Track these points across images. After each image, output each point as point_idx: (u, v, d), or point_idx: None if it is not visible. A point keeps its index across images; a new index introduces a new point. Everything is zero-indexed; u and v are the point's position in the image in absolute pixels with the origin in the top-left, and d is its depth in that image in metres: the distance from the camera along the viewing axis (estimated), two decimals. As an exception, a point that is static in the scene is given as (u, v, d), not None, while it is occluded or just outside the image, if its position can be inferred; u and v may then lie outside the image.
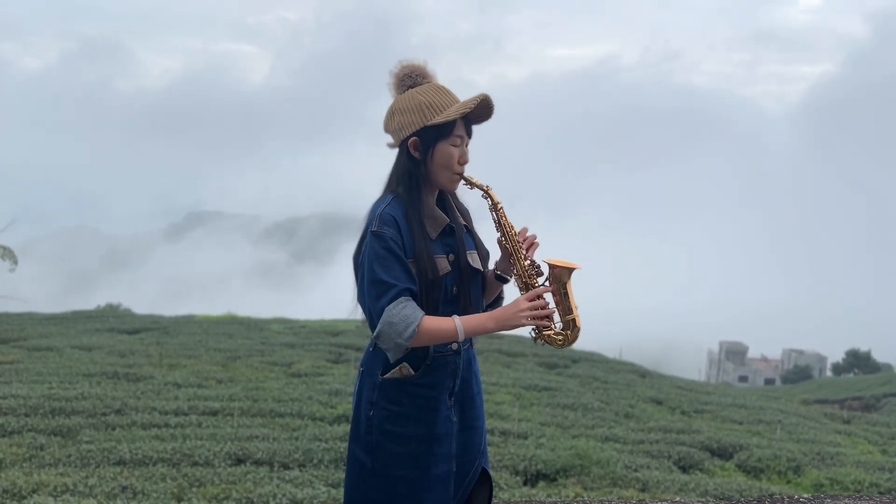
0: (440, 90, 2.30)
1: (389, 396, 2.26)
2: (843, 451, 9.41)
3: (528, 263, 2.32)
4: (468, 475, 2.38)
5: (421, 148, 2.27)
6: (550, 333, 2.26)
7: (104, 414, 8.30)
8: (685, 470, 8.06)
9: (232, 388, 10.33)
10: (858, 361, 53.56)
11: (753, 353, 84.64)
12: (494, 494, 3.28)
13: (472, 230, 2.43)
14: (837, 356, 58.20)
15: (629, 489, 6.71)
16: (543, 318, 2.23)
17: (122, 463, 6.53)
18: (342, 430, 7.94)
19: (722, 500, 6.09)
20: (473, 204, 2.47)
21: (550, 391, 12.01)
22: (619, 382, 14.05)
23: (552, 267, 2.27)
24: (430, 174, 2.29)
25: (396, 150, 2.34)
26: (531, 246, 2.34)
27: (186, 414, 8.53)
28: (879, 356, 54.30)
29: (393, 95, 2.35)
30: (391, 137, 2.33)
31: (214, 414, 8.64)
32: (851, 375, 47.40)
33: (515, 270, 2.33)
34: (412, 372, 2.25)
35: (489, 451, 3.98)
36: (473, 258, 2.37)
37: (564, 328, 2.27)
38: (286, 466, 6.73)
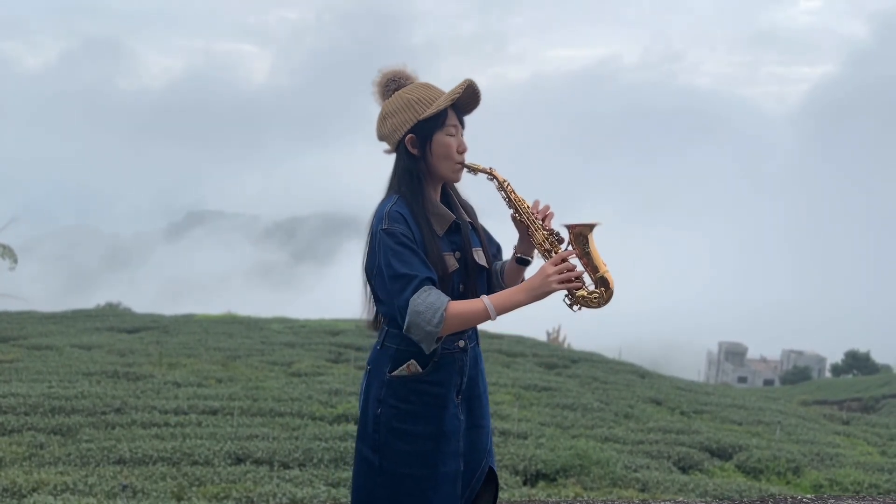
0: (425, 86, 2.31)
1: (397, 394, 2.25)
2: (842, 452, 9.41)
3: (546, 233, 2.28)
4: (475, 474, 2.37)
5: (418, 143, 2.27)
6: (584, 293, 2.22)
7: (104, 413, 8.30)
8: (685, 470, 8.06)
9: (232, 387, 10.33)
10: (858, 362, 53.45)
11: (752, 353, 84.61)
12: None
13: (476, 227, 2.42)
14: (837, 357, 58.10)
15: (629, 489, 6.71)
16: (574, 279, 2.19)
17: (121, 462, 6.53)
18: (342, 429, 7.95)
19: (722, 500, 6.10)
20: (477, 200, 2.46)
21: (550, 391, 12.01)
22: (618, 383, 14.04)
23: (571, 228, 2.22)
24: (431, 168, 2.29)
25: (394, 154, 2.34)
26: (547, 216, 2.32)
27: (186, 413, 8.53)
28: (879, 357, 54.21)
29: (379, 103, 2.35)
30: (387, 142, 2.33)
31: (214, 413, 8.64)
32: (850, 376, 47.33)
33: (535, 242, 2.29)
34: (420, 369, 2.24)
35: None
36: (479, 255, 2.37)
37: (597, 286, 2.23)
38: (286, 466, 6.74)
